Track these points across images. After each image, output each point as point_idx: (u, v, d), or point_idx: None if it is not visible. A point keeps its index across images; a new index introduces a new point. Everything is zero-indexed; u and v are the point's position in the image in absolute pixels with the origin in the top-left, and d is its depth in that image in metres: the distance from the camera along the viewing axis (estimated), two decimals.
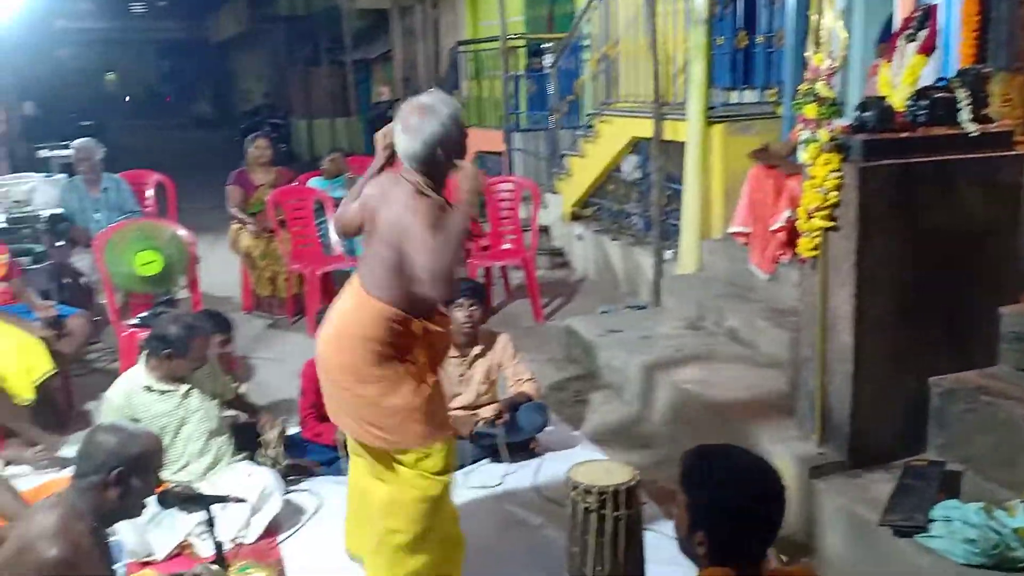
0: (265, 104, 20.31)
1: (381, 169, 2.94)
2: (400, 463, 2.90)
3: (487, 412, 4.19)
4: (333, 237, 6.47)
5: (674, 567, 3.18)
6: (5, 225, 5.60)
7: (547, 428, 4.32)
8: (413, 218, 2.67)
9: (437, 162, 2.77)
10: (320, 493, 3.89)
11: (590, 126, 7.45)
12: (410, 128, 2.75)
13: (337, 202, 6.62)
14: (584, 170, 7.65)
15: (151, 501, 2.52)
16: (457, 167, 2.81)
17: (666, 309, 5.80)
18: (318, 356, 2.97)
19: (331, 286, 6.43)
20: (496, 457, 4.16)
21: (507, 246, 6.78)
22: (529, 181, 7.52)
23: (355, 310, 2.84)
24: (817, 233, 3.28)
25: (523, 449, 4.24)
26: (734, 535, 1.86)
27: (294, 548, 3.50)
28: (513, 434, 4.16)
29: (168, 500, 2.59)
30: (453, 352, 4.24)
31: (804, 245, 3.34)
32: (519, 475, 4.06)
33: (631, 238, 7.14)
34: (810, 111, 3.14)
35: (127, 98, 32.22)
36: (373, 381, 2.81)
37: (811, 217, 3.26)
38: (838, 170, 3.17)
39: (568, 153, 7.92)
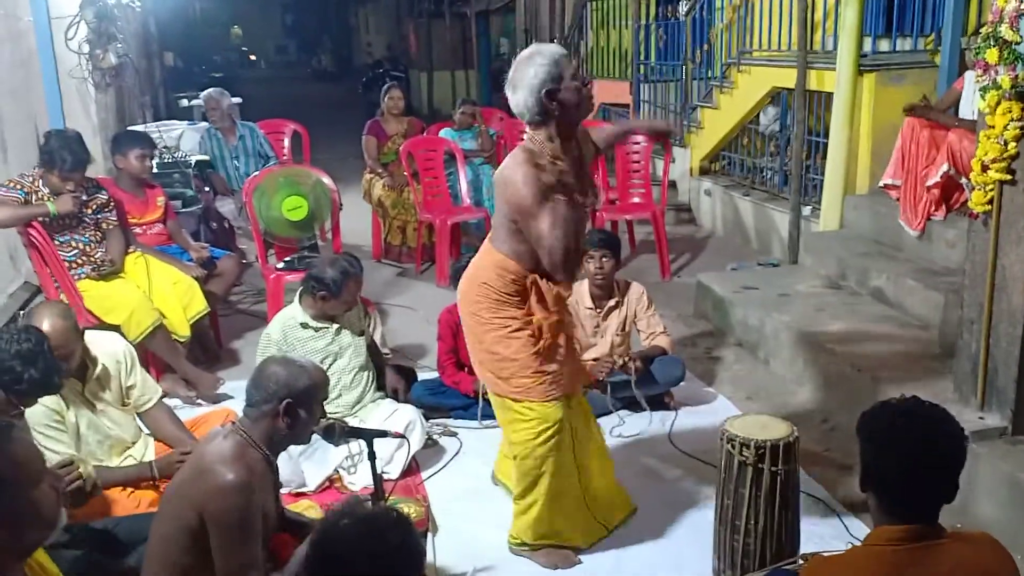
0: (386, 57, 20.53)
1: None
2: (512, 410, 2.95)
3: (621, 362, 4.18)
4: (462, 187, 6.53)
5: (823, 527, 3.16)
6: (157, 170, 5.80)
7: (681, 383, 4.28)
8: (520, 188, 2.66)
9: (548, 112, 2.69)
10: (459, 436, 3.98)
11: (725, 76, 7.21)
12: (512, 82, 2.71)
13: (467, 153, 6.71)
14: (716, 122, 7.44)
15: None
16: (577, 117, 2.75)
17: (803, 267, 5.63)
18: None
19: (459, 236, 6.51)
20: (634, 408, 4.15)
21: (636, 200, 6.70)
22: None
23: (480, 257, 2.97)
24: (992, 187, 3.11)
25: (658, 403, 4.22)
26: (903, 491, 1.82)
27: (437, 487, 3.60)
28: (648, 387, 4.14)
29: (332, 433, 2.68)
30: (588, 303, 4.24)
31: (977, 199, 3.16)
32: (654, 428, 4.05)
33: (764, 193, 6.93)
34: (991, 56, 2.94)
35: (252, 52, 33.18)
36: (489, 327, 2.89)
37: (986, 169, 3.08)
38: (1019, 119, 2.98)
39: (700, 104, 7.70)
